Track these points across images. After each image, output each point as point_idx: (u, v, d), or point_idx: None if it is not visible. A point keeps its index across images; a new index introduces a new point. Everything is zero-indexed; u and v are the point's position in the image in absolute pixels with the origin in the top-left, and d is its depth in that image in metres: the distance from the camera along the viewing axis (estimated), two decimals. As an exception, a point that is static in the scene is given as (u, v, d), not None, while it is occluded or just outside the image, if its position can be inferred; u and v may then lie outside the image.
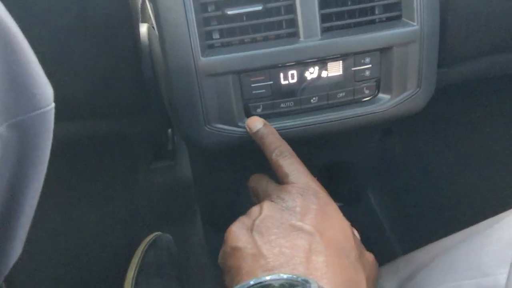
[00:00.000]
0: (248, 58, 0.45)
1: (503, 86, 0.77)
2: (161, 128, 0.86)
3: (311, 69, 0.47)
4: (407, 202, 0.92)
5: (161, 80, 0.59)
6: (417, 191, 0.91)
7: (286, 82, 0.47)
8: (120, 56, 0.52)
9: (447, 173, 0.87)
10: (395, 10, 0.47)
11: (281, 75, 0.46)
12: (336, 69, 0.47)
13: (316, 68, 0.47)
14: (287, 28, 0.46)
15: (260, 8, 0.44)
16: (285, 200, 0.37)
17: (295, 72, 0.47)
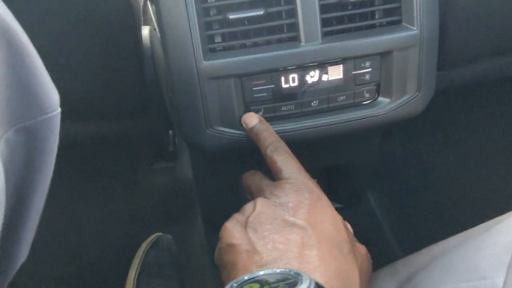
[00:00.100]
0: (250, 62, 0.45)
1: (502, 88, 0.77)
2: (162, 129, 0.86)
3: (312, 72, 0.47)
4: (407, 203, 0.92)
5: (163, 82, 0.59)
6: (417, 192, 0.91)
7: (287, 85, 0.47)
8: (123, 58, 0.52)
9: (447, 174, 0.87)
10: (395, 15, 0.48)
11: (282, 78, 0.47)
12: (336, 72, 0.47)
13: (317, 71, 0.47)
14: (288, 32, 0.46)
15: (261, 12, 0.44)
16: (278, 196, 0.37)
17: (296, 75, 0.47)
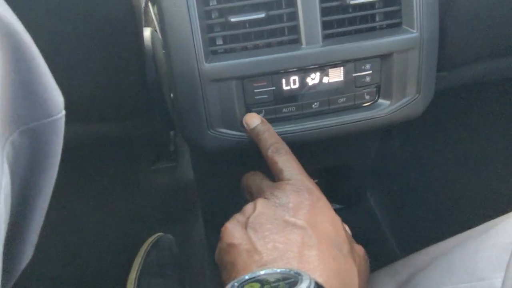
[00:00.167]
0: (251, 64, 0.45)
1: (501, 89, 0.78)
2: (163, 130, 0.87)
3: (313, 75, 0.47)
4: (407, 204, 0.92)
5: (164, 83, 0.59)
6: (416, 193, 0.91)
7: (288, 87, 0.47)
8: (125, 60, 0.53)
9: (446, 175, 0.87)
10: (395, 18, 0.48)
11: (283, 80, 0.47)
12: (337, 75, 0.48)
13: (318, 74, 0.47)
14: (289, 35, 0.46)
15: (262, 15, 0.44)
16: (278, 197, 0.37)
17: (297, 78, 0.47)
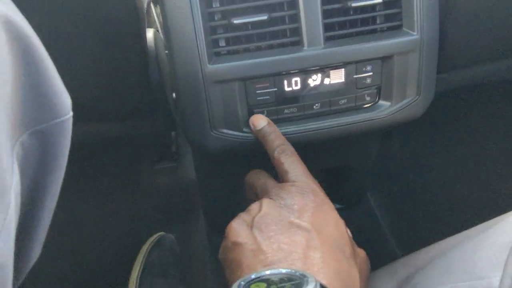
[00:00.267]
0: (253, 65, 0.46)
1: (501, 91, 0.78)
2: (165, 130, 0.87)
3: (314, 76, 0.48)
4: (407, 204, 0.93)
5: (167, 84, 0.60)
6: (416, 194, 0.92)
7: (290, 89, 0.48)
8: (128, 61, 0.53)
9: (446, 176, 0.88)
10: (396, 20, 0.48)
11: (285, 82, 0.48)
12: (338, 76, 0.48)
13: (319, 75, 0.48)
14: (291, 36, 0.47)
15: (265, 17, 0.45)
16: (283, 198, 0.38)
17: (298, 79, 0.48)
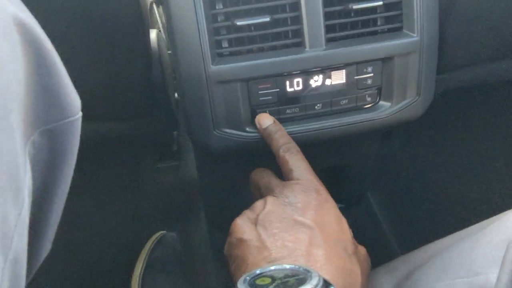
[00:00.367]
0: (256, 66, 0.46)
1: (501, 91, 0.79)
2: (167, 130, 0.88)
3: (316, 77, 0.49)
4: (407, 204, 0.93)
5: (169, 84, 0.61)
6: (416, 193, 0.92)
7: (292, 89, 0.49)
8: (131, 61, 0.54)
9: (445, 176, 0.88)
10: (396, 22, 0.49)
11: (287, 82, 0.48)
12: (339, 77, 0.49)
13: (321, 76, 0.49)
14: (293, 38, 0.47)
15: (267, 19, 0.46)
16: (287, 196, 0.39)
17: (300, 80, 0.48)
